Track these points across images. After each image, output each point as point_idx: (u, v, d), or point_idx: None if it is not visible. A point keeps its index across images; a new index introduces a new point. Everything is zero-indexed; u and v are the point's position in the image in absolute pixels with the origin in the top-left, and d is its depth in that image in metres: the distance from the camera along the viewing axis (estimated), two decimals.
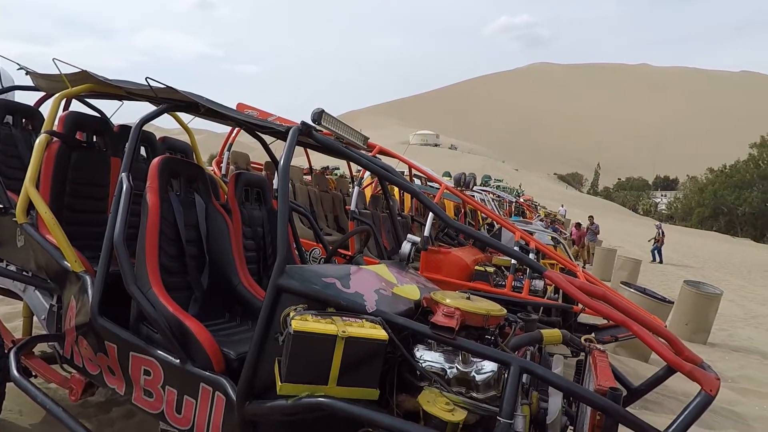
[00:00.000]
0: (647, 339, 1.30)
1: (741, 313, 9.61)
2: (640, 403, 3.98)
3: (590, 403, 1.29)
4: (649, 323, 1.39)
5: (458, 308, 1.55)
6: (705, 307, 7.00)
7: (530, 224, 10.89)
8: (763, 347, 7.13)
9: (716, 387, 1.24)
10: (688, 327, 6.97)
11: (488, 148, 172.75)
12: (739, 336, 7.72)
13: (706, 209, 55.21)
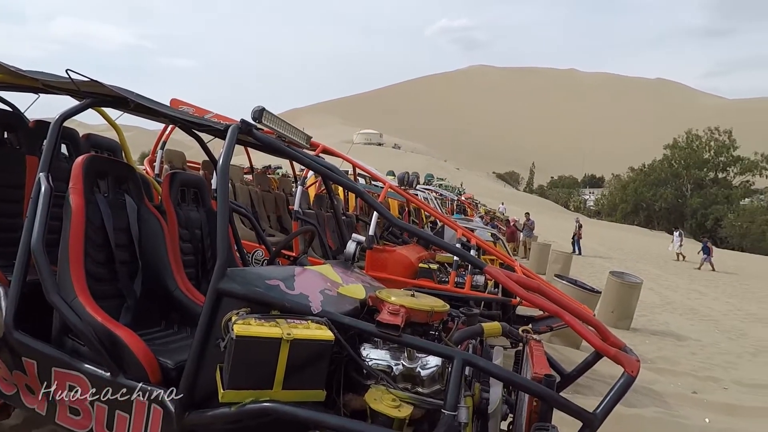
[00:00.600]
0: (578, 327, 1.39)
1: (658, 300, 10.52)
2: (572, 388, 4.23)
3: (527, 390, 1.36)
4: (579, 313, 1.49)
5: (403, 306, 1.57)
6: (628, 295, 7.59)
7: (471, 222, 11.26)
8: (677, 330, 7.85)
9: (637, 368, 1.35)
10: (614, 314, 7.53)
11: (430, 147, 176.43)
12: (657, 321, 8.44)
13: (628, 205, 59.87)
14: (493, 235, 8.03)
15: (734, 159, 54.50)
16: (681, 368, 5.72)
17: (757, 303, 11.49)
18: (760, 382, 5.52)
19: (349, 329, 1.54)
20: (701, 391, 4.97)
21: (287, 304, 1.48)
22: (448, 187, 27.54)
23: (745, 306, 10.95)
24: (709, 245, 19.10)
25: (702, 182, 54.78)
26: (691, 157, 56.01)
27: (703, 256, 18.45)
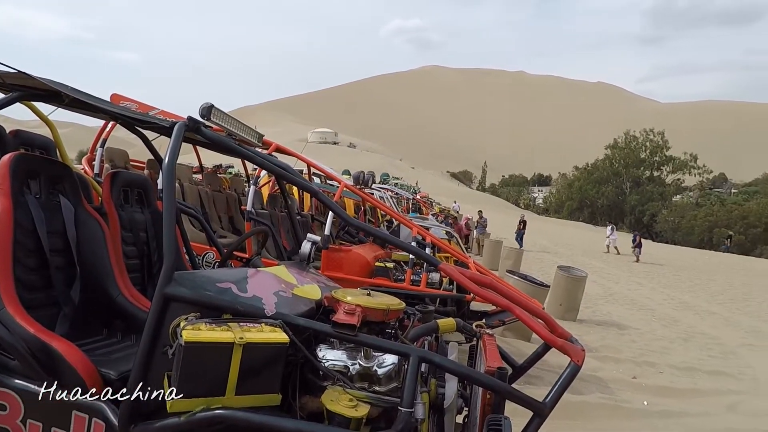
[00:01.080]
0: (527, 321, 1.44)
1: (601, 292, 11.12)
2: (524, 379, 4.39)
3: (480, 384, 1.40)
4: (529, 306, 1.54)
5: (359, 305, 1.57)
6: (574, 288, 7.98)
7: (427, 220, 11.43)
8: (619, 320, 8.33)
9: (582, 358, 1.42)
10: (562, 307, 7.88)
11: (386, 146, 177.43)
12: (600, 311, 8.92)
13: (574, 202, 62.94)
14: (447, 233, 8.19)
15: (667, 159, 58.58)
16: (622, 355, 6.08)
17: (688, 292, 12.41)
18: (690, 365, 5.97)
19: (305, 330, 1.51)
20: (640, 376, 5.31)
21: (240, 307, 1.44)
22: (404, 186, 27.81)
23: (678, 295, 11.80)
24: (638, 238, 20.40)
25: (639, 180, 58.48)
26: (629, 156, 59.66)
27: (634, 248, 19.69)
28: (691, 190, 63.71)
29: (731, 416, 4.39)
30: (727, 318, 9.44)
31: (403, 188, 24.85)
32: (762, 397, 5.01)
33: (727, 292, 12.96)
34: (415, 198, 19.93)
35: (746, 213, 43.92)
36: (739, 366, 6.15)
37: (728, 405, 4.67)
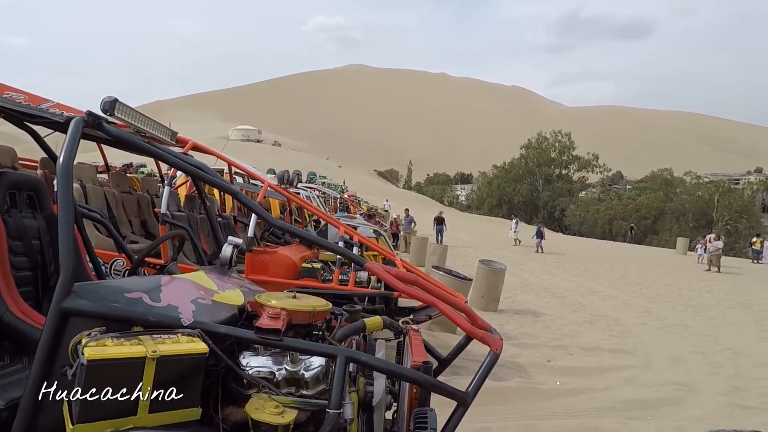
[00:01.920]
0: (450, 314, 1.49)
1: (519, 283, 11.87)
2: (450, 370, 4.56)
3: (406, 378, 1.43)
4: (451, 300, 1.60)
5: (284, 308, 1.53)
6: (495, 280, 8.44)
7: (355, 219, 11.45)
8: (535, 309, 8.95)
9: (500, 346, 1.50)
10: (484, 299, 8.30)
11: (312, 145, 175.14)
12: (518, 301, 9.52)
13: (493, 199, 66.52)
14: (375, 231, 8.28)
15: (573, 158, 63.93)
16: (538, 341, 6.54)
17: (593, 280, 13.64)
18: (595, 345, 6.58)
19: (226, 338, 1.45)
20: (554, 359, 5.74)
21: (152, 318, 1.34)
22: (331, 185, 27.66)
23: (584, 282, 12.93)
24: (542, 230, 21.99)
25: (550, 178, 63.24)
26: (541, 156, 64.29)
27: (537, 240, 21.18)
28: (594, 187, 70.24)
29: (628, 388, 4.90)
30: (625, 301, 10.52)
31: (331, 187, 24.71)
32: (652, 370, 5.65)
33: (625, 278, 14.44)
34: (342, 197, 19.90)
35: (639, 206, 49.29)
36: (635, 343, 6.88)
37: (625, 378, 5.20)
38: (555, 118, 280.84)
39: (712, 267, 17.91)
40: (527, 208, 63.85)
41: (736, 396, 4.94)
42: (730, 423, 4.06)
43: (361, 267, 1.99)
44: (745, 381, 5.47)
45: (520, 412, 4.02)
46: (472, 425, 3.65)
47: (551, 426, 3.79)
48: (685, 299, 11.24)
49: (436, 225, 20.21)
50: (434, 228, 20.25)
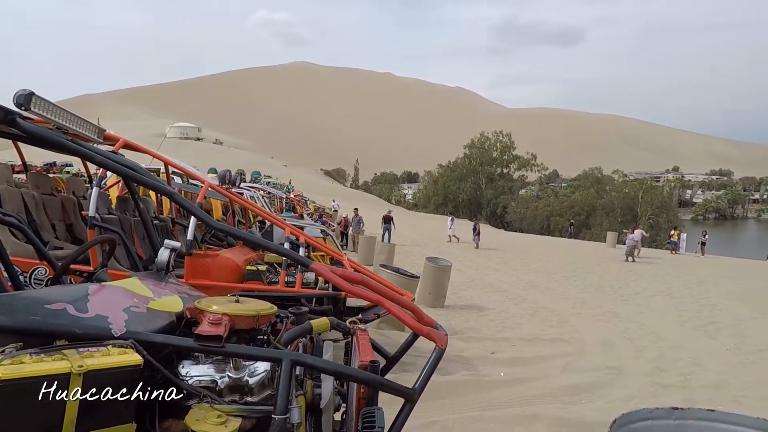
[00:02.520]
0: (396, 313, 1.51)
1: (465, 279, 12.22)
2: (399, 368, 4.61)
3: (354, 379, 1.42)
4: (397, 299, 1.62)
5: (226, 313, 1.48)
6: (441, 277, 8.63)
7: (301, 219, 11.28)
8: (480, 303, 9.25)
9: (445, 342, 1.53)
10: (431, 295, 8.47)
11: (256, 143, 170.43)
12: (464, 297, 9.80)
13: (439, 197, 68.00)
14: (322, 231, 8.19)
15: (513, 157, 66.71)
16: (483, 334, 6.77)
17: (532, 273, 14.32)
18: (535, 335, 6.91)
19: (163, 348, 1.37)
20: (498, 351, 5.97)
21: (78, 330, 1.24)
22: (277, 185, 27.08)
23: (525, 276, 13.54)
24: (477, 226, 22.82)
25: (493, 176, 65.62)
26: (484, 155, 66.55)
27: (474, 236, 21.86)
28: (533, 185, 73.76)
29: (565, 375, 5.19)
30: (561, 293, 11.13)
31: (276, 187, 24.19)
32: (586, 356, 6.03)
33: (561, 271, 15.28)
34: (288, 197, 19.54)
35: (573, 203, 52.33)
36: (570, 332, 7.30)
37: (563, 366, 5.51)
38: (496, 119, 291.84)
39: (629, 258, 19.41)
40: (471, 205, 65.90)
41: (658, 376, 5.38)
42: (653, 401, 4.41)
43: (306, 268, 1.96)
44: (665, 362, 5.97)
45: (467, 405, 4.14)
46: (420, 420, 3.71)
47: (496, 416, 3.93)
48: (615, 289, 12.08)
49: (383, 224, 20.30)
50: (382, 227, 20.35)
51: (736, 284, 14.45)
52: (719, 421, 1.75)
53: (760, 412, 4.52)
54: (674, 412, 1.79)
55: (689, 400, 4.59)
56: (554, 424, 3.79)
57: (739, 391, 5.01)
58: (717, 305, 10.46)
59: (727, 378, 5.43)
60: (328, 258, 5.46)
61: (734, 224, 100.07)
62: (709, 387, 5.11)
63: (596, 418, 3.80)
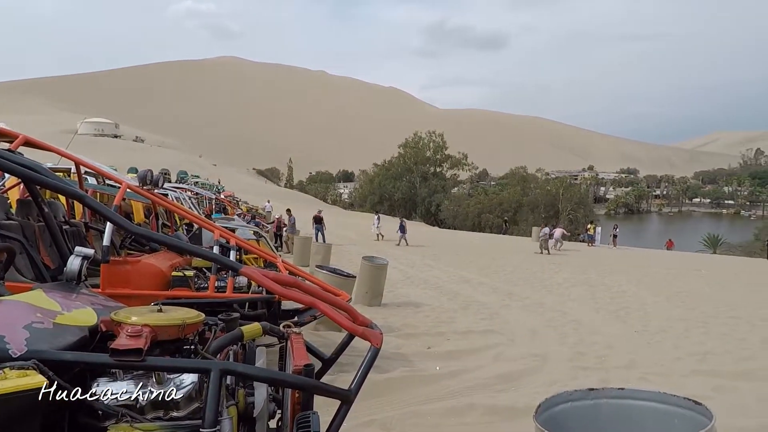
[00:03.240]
0: (331, 314, 1.49)
1: (401, 276, 12.41)
2: (337, 369, 4.59)
3: (287, 384, 1.39)
4: (333, 300, 1.60)
5: (146, 324, 1.37)
6: (378, 276, 8.70)
7: (233, 221, 10.85)
8: (416, 300, 9.44)
9: (380, 341, 1.54)
10: (368, 294, 8.51)
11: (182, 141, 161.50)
12: (400, 294, 9.96)
13: (375, 196, 68.49)
14: (256, 233, 7.93)
15: (446, 157, 68.87)
16: (419, 330, 6.92)
17: (465, 269, 14.86)
18: (469, 328, 7.19)
19: (74, 366, 1.25)
20: (434, 346, 6.13)
21: None
22: (206, 185, 25.84)
23: (458, 272, 14.03)
24: (403, 224, 23.16)
25: (426, 175, 67.26)
26: (418, 155, 68.03)
27: (399, 234, 22.20)
28: (465, 184, 76.63)
29: (497, 364, 5.45)
30: (492, 286, 11.67)
31: (205, 187, 23.08)
32: (516, 346, 6.37)
33: (491, 265, 16.02)
34: (218, 197, 18.72)
35: (502, 200, 55.04)
36: (501, 323, 7.67)
37: (494, 356, 5.78)
38: (429, 119, 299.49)
39: (543, 250, 20.87)
40: (407, 204, 67.10)
41: (579, 360, 5.81)
42: (574, 383, 4.75)
43: (236, 272, 1.88)
44: (584, 347, 6.46)
45: (404, 400, 4.21)
46: (358, 420, 3.72)
47: (432, 409, 4.03)
48: (540, 280, 12.88)
49: (314, 224, 19.96)
50: (313, 227, 20.05)
51: (642, 272, 15.98)
52: (628, 397, 1.92)
53: (662, 386, 5.03)
54: (590, 393, 1.94)
55: (604, 380, 5.00)
56: (486, 413, 3.96)
57: (646, 369, 5.54)
58: (627, 292, 11.50)
59: (635, 357, 5.98)
60: (261, 260, 5.30)
61: (640, 218, 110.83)
62: (621, 367, 5.60)
63: (525, 403, 4.02)
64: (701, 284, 13.76)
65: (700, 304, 10.37)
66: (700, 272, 17.24)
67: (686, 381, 5.15)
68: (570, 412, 1.93)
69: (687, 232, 62.37)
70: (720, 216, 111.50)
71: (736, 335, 7.55)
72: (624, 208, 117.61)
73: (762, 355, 6.42)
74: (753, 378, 5.35)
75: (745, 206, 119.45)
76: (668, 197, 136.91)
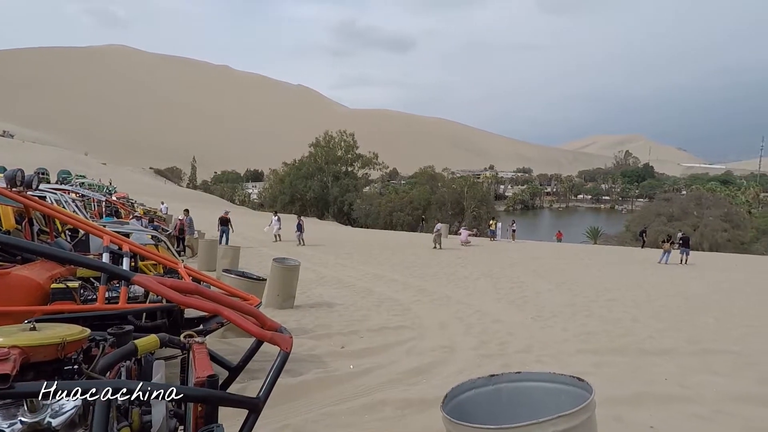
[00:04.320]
0: (236, 320, 1.43)
1: (314, 277, 12.28)
2: (247, 376, 4.42)
3: (188, 398, 1.31)
4: (238, 305, 1.54)
5: (15, 345, 1.21)
6: (290, 277, 8.50)
7: (127, 225, 9.90)
8: (329, 300, 9.40)
9: (290, 344, 1.51)
10: (280, 297, 8.28)
11: (65, 138, 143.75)
12: (314, 295, 9.85)
13: (286, 196, 66.91)
14: (154, 237, 7.32)
15: (357, 156, 69.40)
16: (333, 330, 6.90)
17: (378, 267, 15.12)
18: (382, 325, 7.33)
19: None
20: (348, 345, 6.15)
21: None
22: (93, 186, 23.26)
23: (372, 270, 14.23)
24: (301, 222, 22.34)
25: (338, 175, 67.22)
26: (329, 154, 67.71)
27: (297, 233, 21.57)
28: (376, 183, 77.88)
29: (408, 358, 5.63)
30: (404, 282, 12.02)
31: (93, 188, 20.81)
32: (426, 339, 6.63)
33: (403, 262, 16.49)
34: (109, 199, 16.98)
35: (412, 199, 56.84)
36: (412, 318, 7.93)
37: (406, 351, 5.96)
38: (339, 118, 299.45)
39: (436, 245, 22.09)
40: (319, 204, 66.51)
41: (483, 348, 6.21)
42: (478, 371, 5.08)
43: (128, 281, 1.73)
44: (487, 335, 6.93)
45: (319, 402, 4.18)
46: (272, 426, 3.62)
47: (346, 408, 4.04)
48: (448, 275, 13.54)
49: (220, 226, 18.71)
50: (218, 229, 18.82)
51: (537, 263, 17.54)
52: (524, 380, 2.10)
53: (553, 366, 5.56)
54: (492, 378, 2.09)
55: (506, 365, 5.41)
56: (399, 406, 4.08)
57: (540, 351, 6.09)
58: (524, 282, 12.54)
59: (531, 342, 6.55)
60: (160, 267, 4.91)
61: (535, 213, 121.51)
62: (520, 352, 6.10)
63: (435, 394, 4.20)
64: (585, 272, 15.47)
65: (584, 290, 11.65)
66: (584, 261, 19.37)
67: (572, 359, 5.76)
68: (474, 398, 2.06)
69: (573, 226, 69.85)
70: (599, 210, 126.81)
71: (613, 316, 8.61)
72: (521, 204, 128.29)
73: (633, 332, 7.40)
74: (626, 353, 6.14)
75: (618, 201, 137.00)
76: (557, 194, 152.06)
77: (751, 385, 4.93)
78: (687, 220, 44.20)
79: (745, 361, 5.83)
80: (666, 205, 49.69)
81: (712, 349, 6.40)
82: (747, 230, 44.15)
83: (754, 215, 55.68)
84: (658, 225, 43.08)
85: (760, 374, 5.30)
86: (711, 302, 10.53)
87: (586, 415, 1.75)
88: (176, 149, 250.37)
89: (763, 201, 78.96)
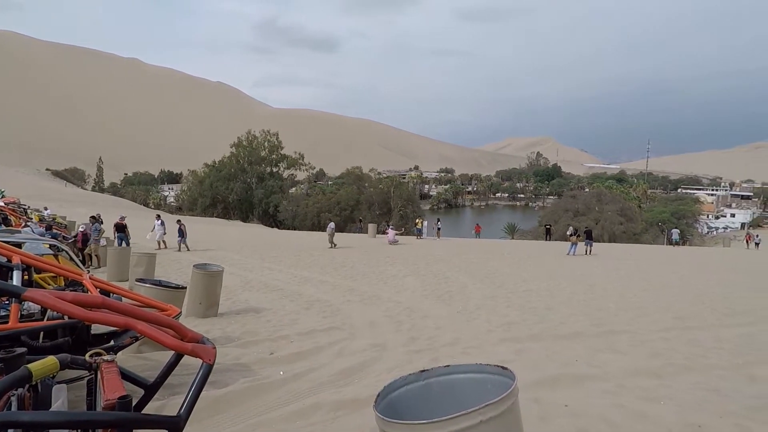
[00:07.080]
0: (151, 333, 1.31)
1: (239, 282, 11.77)
2: (168, 392, 4.12)
3: (95, 424, 1.18)
4: (152, 317, 1.41)
5: None
6: (213, 284, 8.07)
7: (19, 233, 8.82)
8: (256, 305, 9.06)
9: (213, 356, 1.42)
10: (202, 305, 7.83)
11: None
12: (239, 300, 9.43)
13: (207, 199, 63.58)
14: (53, 246, 6.58)
15: (282, 157, 67.73)
16: (260, 336, 6.65)
17: (306, 269, 14.86)
18: (312, 328, 7.20)
19: None
20: (277, 350, 5.96)
21: None
22: None
23: (300, 272, 13.94)
24: (182, 227, 19.33)
25: (263, 176, 65.13)
26: (252, 154, 65.37)
27: (178, 239, 19.26)
28: (302, 183, 76.52)
29: (339, 359, 5.58)
30: (333, 283, 11.92)
31: None
32: (357, 339, 6.62)
33: (332, 263, 16.36)
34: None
35: (339, 199, 56.63)
36: (343, 319, 7.89)
37: (337, 352, 5.91)
38: (262, 118, 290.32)
39: (331, 244, 22.51)
40: (242, 206, 63.95)
41: (413, 344, 6.34)
42: (409, 367, 5.17)
43: (18, 297, 1.52)
44: (417, 331, 7.08)
45: (248, 412, 4.00)
46: None
47: (278, 416, 3.92)
48: (376, 274, 13.65)
49: (116, 232, 16.56)
50: (114, 236, 16.61)
51: (461, 259, 18.29)
52: (453, 373, 2.16)
53: (479, 357, 5.80)
54: (422, 374, 2.12)
55: (435, 360, 5.56)
56: (332, 409, 4.03)
57: (466, 344, 6.35)
58: (450, 278, 13.00)
59: (458, 335, 6.80)
60: (61, 279, 4.42)
61: (457, 211, 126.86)
62: (448, 345, 6.30)
63: (368, 393, 4.20)
64: (505, 266, 16.41)
65: (504, 282, 12.35)
66: (503, 255, 20.54)
67: (496, 349, 6.07)
68: (406, 395, 2.08)
69: (493, 222, 73.82)
70: (515, 207, 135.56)
71: (530, 305, 9.21)
72: (444, 203, 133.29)
73: (547, 319, 7.97)
74: (542, 338, 6.60)
75: (531, 199, 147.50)
76: (478, 193, 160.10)
77: (645, 359, 5.56)
78: (590, 215, 48.81)
79: (639, 339, 6.56)
80: (572, 202, 54.41)
81: (613, 330, 7.11)
82: (638, 223, 49.73)
83: (643, 209, 62.84)
84: (567, 220, 47.04)
85: (650, 350, 6.00)
86: (610, 289, 11.67)
87: (510, 401, 1.84)
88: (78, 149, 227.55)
89: (650, 197, 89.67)
